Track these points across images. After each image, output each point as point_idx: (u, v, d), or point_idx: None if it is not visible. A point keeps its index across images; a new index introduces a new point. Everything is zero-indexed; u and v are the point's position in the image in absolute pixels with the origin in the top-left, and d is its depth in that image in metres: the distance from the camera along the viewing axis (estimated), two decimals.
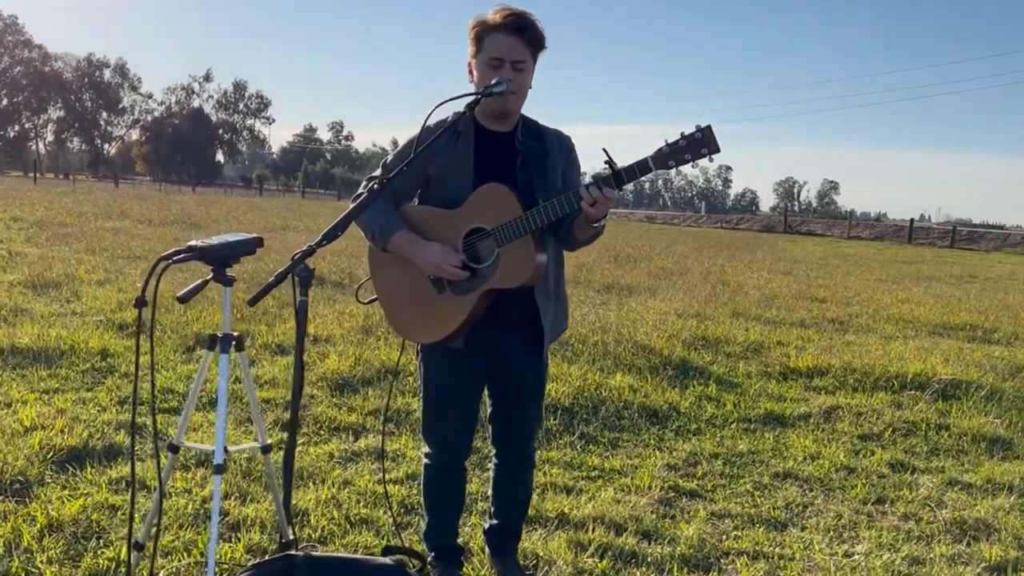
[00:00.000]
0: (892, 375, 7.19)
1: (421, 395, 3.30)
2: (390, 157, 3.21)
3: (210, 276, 2.57)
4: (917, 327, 10.70)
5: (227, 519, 3.79)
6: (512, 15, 2.96)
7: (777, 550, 3.89)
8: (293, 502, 3.92)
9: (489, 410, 3.36)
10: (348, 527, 3.81)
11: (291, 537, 2.84)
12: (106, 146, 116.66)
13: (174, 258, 2.45)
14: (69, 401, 5.31)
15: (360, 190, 3.18)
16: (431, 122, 3.11)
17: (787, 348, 8.37)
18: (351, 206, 2.87)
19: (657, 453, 5.20)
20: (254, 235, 2.62)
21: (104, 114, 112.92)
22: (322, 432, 5.17)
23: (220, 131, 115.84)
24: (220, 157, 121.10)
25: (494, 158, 3.09)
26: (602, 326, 8.41)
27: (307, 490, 4.18)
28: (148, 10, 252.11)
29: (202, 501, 3.95)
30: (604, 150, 2.91)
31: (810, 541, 4.01)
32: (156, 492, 2.89)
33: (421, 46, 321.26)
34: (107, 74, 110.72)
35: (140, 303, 2.31)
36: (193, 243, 2.50)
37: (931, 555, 3.91)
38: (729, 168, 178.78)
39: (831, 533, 4.14)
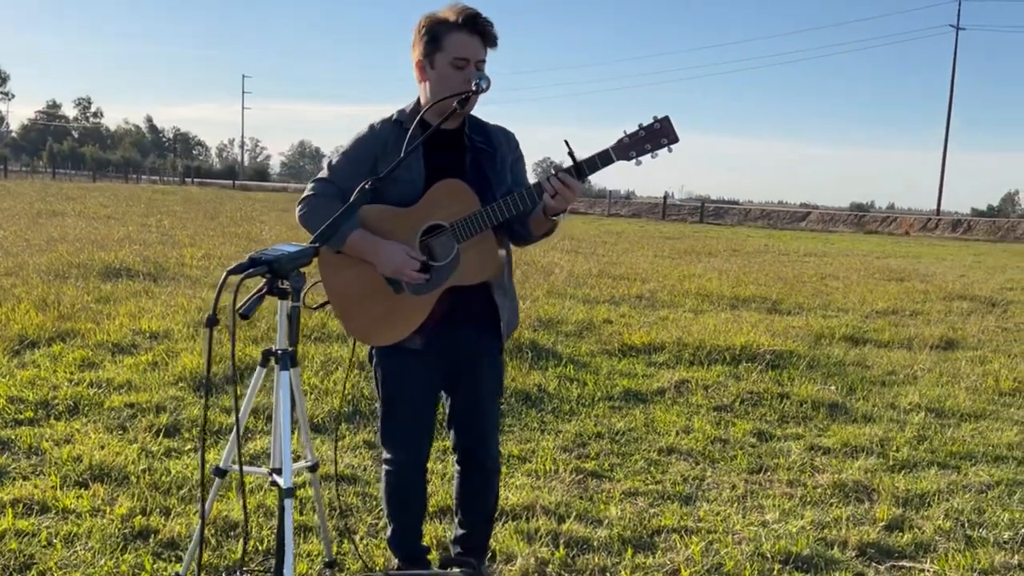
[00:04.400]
0: (723, 348, 7.67)
1: (379, 399, 3.20)
2: (335, 159, 3.11)
3: (264, 289, 2.37)
4: (714, 301, 11.41)
5: (159, 536, 3.53)
6: (471, 14, 2.92)
7: (701, 524, 4.09)
8: (225, 514, 3.73)
9: (446, 412, 3.31)
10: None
11: (333, 556, 2.70)
12: None
13: (244, 273, 2.25)
14: None
15: (310, 191, 3.06)
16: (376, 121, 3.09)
17: (616, 326, 8.74)
18: (340, 208, 2.75)
19: (546, 436, 5.30)
20: (308, 245, 2.44)
21: None
22: (206, 436, 4.89)
23: None
24: None
25: (445, 155, 3.05)
26: None
27: (227, 500, 3.96)
28: None
29: (121, 520, 3.66)
30: (566, 142, 2.92)
31: (726, 514, 4.25)
32: (200, 520, 2.67)
33: (173, 15, 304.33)
34: None
35: (211, 322, 2.09)
36: (254, 255, 2.30)
37: (829, 518, 4.24)
38: None
39: (737, 504, 4.40)
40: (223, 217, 24.18)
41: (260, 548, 3.52)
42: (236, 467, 2.49)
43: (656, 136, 2.85)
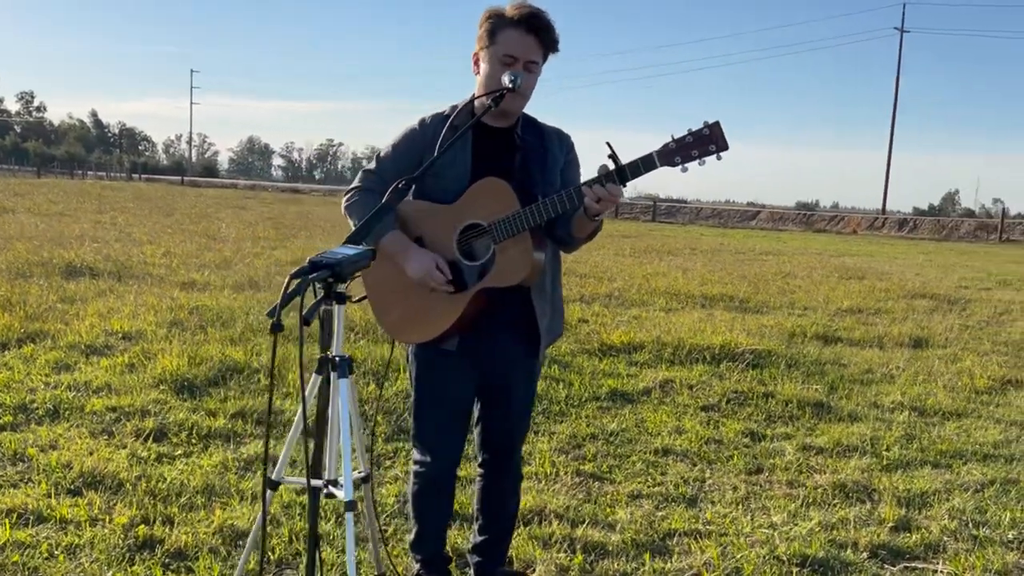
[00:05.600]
0: (702, 347, 7.67)
1: (412, 399, 3.14)
2: (383, 152, 3.04)
3: (322, 294, 2.26)
4: (684, 300, 11.43)
5: (165, 547, 3.41)
6: (531, 13, 2.86)
7: (711, 527, 4.06)
8: (231, 521, 3.61)
9: (476, 414, 3.24)
10: (301, 544, 3.54)
11: (383, 570, 2.61)
12: None
13: (310, 277, 2.14)
14: None
15: (356, 183, 3.02)
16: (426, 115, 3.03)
17: (592, 325, 8.71)
18: (377, 205, 2.68)
19: (541, 438, 5.24)
20: (365, 247, 2.34)
21: None
22: (194, 441, 4.75)
23: None
24: None
25: (493, 154, 2.99)
26: None
27: (231, 508, 3.83)
28: None
29: (123, 530, 3.52)
30: (608, 143, 2.85)
31: (733, 516, 4.22)
32: (254, 529, 2.58)
33: (119, 8, 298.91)
34: None
35: (276, 328, 1.98)
36: (315, 259, 2.19)
37: (836, 519, 4.24)
38: None
39: (741, 506, 4.38)
40: (178, 214, 23.76)
41: (272, 557, 3.41)
42: (289, 480, 2.39)
43: (705, 142, 2.73)
